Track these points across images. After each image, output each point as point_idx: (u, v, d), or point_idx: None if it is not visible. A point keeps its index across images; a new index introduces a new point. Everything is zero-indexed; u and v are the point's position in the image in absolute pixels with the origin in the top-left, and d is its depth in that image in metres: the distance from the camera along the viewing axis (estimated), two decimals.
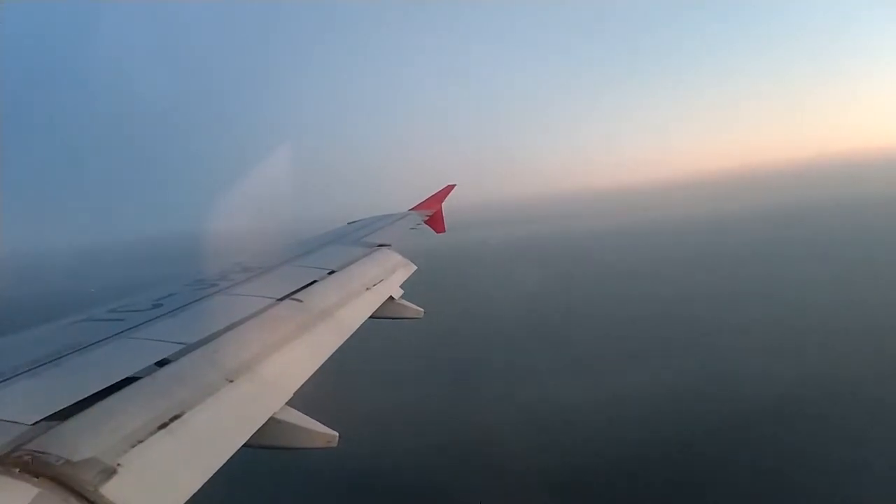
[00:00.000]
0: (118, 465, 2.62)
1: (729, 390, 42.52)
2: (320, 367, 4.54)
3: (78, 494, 2.39)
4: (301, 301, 5.47)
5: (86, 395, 3.08)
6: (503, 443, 36.60)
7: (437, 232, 12.46)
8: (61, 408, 2.92)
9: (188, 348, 3.95)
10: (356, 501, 32.38)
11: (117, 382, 3.29)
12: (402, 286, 7.35)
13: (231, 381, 3.70)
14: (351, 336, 5.32)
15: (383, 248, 8.47)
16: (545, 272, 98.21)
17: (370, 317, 6.07)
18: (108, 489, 2.47)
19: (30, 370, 3.42)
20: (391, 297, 6.86)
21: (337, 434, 3.97)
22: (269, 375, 4.02)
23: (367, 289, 6.58)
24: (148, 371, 3.57)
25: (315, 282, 6.16)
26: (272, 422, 3.63)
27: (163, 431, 3.00)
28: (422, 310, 7.13)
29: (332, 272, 6.68)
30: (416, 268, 8.10)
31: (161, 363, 3.72)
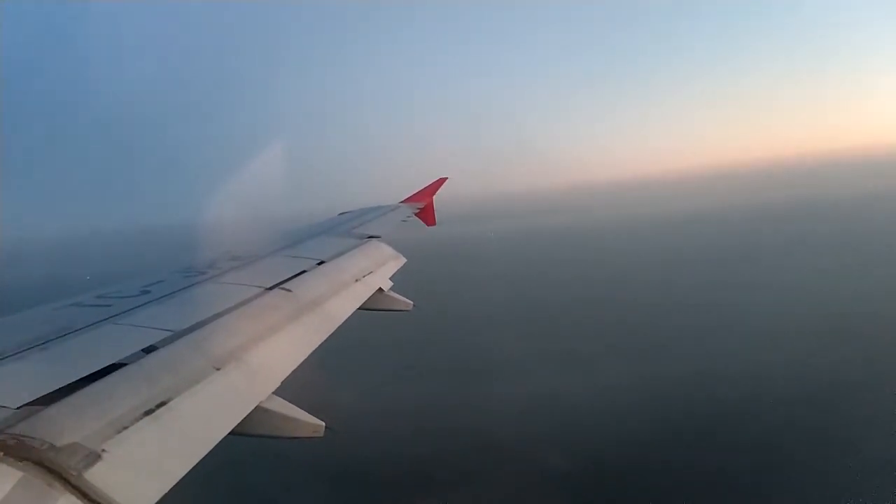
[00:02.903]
0: (103, 450, 2.62)
1: (728, 387, 42.75)
2: (308, 358, 4.54)
3: (62, 479, 2.39)
4: (290, 291, 5.46)
5: (72, 380, 3.07)
6: (490, 434, 36.79)
7: (428, 225, 12.47)
8: (47, 392, 2.91)
9: (175, 335, 3.94)
10: (341, 491, 32.45)
11: (103, 368, 3.29)
12: (391, 278, 7.34)
13: (218, 369, 3.70)
14: (339, 327, 5.32)
15: (373, 239, 8.46)
16: (536, 266, 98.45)
17: (359, 308, 6.06)
18: (93, 474, 2.47)
19: (16, 354, 3.40)
20: (380, 289, 6.85)
21: (323, 424, 3.98)
22: (256, 364, 4.02)
23: (357, 280, 6.57)
24: (134, 357, 3.56)
25: (304, 272, 6.15)
26: (258, 410, 3.63)
27: (148, 418, 2.99)
28: (411, 302, 7.13)
29: (321, 262, 6.66)
30: (405, 260, 8.09)
31: (148, 350, 3.71)
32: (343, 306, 5.72)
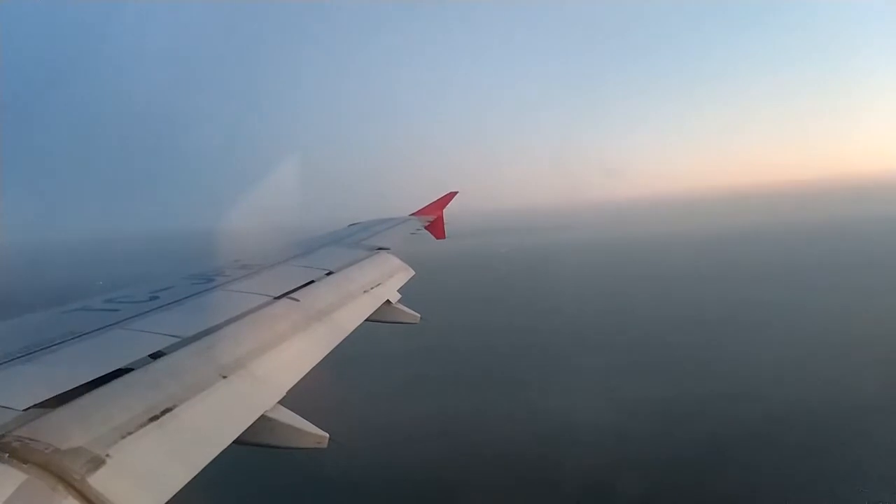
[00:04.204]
0: (107, 455, 2.62)
1: (751, 405, 42.43)
2: (314, 368, 4.53)
3: (65, 483, 2.38)
4: (298, 300, 5.47)
5: (78, 384, 3.08)
6: (496, 447, 36.56)
7: (437, 238, 12.48)
8: (53, 395, 2.91)
9: (183, 342, 3.95)
10: (342, 502, 32.25)
11: (110, 373, 3.29)
12: (399, 291, 7.34)
13: (224, 377, 3.70)
14: (346, 338, 5.32)
15: (383, 251, 8.47)
16: (546, 280, 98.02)
17: (366, 320, 6.06)
18: (96, 479, 2.46)
19: (24, 356, 3.42)
20: (388, 301, 6.84)
21: (327, 435, 3.95)
22: (262, 373, 4.01)
23: (365, 291, 6.57)
24: (141, 363, 3.56)
25: (313, 282, 6.16)
26: (263, 420, 3.62)
27: (153, 424, 2.99)
28: (418, 315, 7.10)
29: (330, 273, 6.67)
30: (414, 273, 8.09)
31: (155, 356, 3.71)
32: (350, 317, 5.72)
